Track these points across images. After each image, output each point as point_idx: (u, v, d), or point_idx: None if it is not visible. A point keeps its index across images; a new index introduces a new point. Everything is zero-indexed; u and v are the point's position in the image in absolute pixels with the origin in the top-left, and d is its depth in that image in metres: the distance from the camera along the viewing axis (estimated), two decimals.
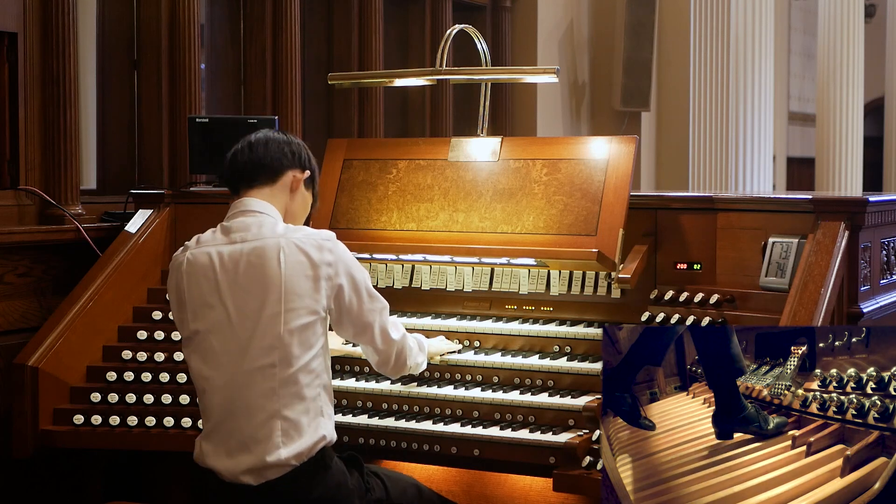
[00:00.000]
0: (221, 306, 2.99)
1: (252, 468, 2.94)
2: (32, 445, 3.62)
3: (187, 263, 3.07)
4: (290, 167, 3.20)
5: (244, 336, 2.96)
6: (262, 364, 2.94)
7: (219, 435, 2.99)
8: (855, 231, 3.22)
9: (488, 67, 4.01)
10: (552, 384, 3.43)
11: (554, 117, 7.81)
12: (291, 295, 2.97)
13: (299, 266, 2.99)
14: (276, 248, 3.00)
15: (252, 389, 2.95)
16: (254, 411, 2.95)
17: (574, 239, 3.49)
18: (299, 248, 3.01)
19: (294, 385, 2.96)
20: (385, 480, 3.17)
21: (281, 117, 5.25)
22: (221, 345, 2.99)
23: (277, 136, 3.25)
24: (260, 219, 3.09)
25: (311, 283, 3.00)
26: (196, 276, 3.04)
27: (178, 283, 3.08)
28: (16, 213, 4.06)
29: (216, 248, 3.05)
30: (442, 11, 6.78)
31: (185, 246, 3.13)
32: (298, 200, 3.24)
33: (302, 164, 3.23)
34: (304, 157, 3.25)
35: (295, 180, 3.20)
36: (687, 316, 3.37)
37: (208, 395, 3.02)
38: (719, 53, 8.64)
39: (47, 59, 4.13)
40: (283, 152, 3.21)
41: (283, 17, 5.55)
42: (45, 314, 3.93)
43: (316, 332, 3.01)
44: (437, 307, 3.79)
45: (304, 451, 2.95)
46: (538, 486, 3.48)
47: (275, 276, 2.97)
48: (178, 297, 3.08)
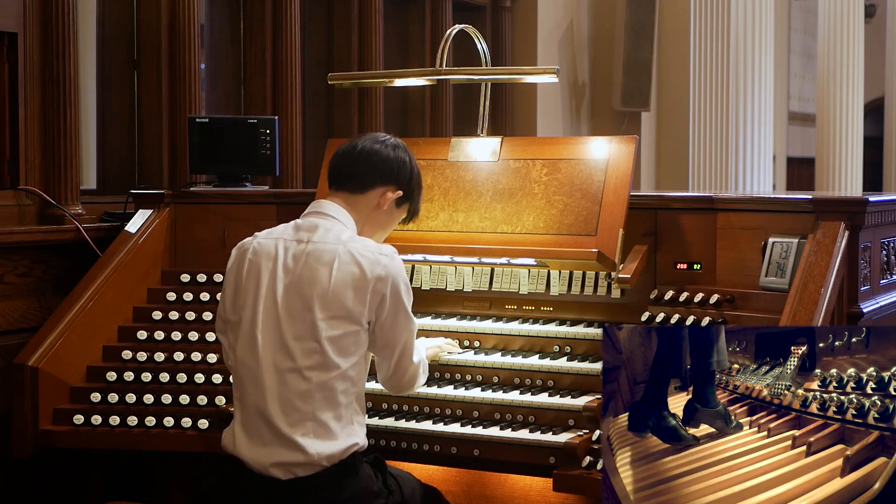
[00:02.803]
0: (273, 300, 3.01)
1: (282, 462, 2.96)
2: (32, 445, 3.62)
3: (253, 251, 3.09)
4: (382, 184, 3.20)
5: (288, 334, 2.98)
6: (302, 365, 2.96)
7: (252, 426, 3.01)
8: (855, 231, 3.21)
9: (488, 67, 4.01)
10: (552, 384, 3.43)
11: (554, 117, 7.80)
12: (336, 303, 2.98)
13: (350, 276, 3.00)
14: (332, 255, 3.01)
15: (289, 388, 2.97)
16: (289, 409, 2.96)
17: (574, 239, 3.49)
18: (355, 258, 3.02)
19: (329, 390, 2.97)
20: (399, 482, 3.17)
21: (281, 117, 5.25)
22: (266, 338, 3.00)
23: (381, 150, 3.22)
24: (330, 223, 3.11)
25: (358, 294, 3.00)
26: (258, 265, 3.06)
27: (239, 267, 3.11)
28: (16, 213, 4.06)
29: (283, 242, 3.07)
30: (442, 11, 6.78)
31: (255, 235, 3.15)
32: (382, 217, 3.25)
33: (397, 182, 3.22)
34: (402, 175, 3.23)
35: (384, 198, 3.21)
36: (687, 316, 3.37)
37: (246, 385, 3.03)
38: (719, 53, 8.63)
39: (47, 59, 4.13)
40: (378, 168, 3.20)
41: (283, 17, 5.55)
42: (45, 314, 3.93)
43: (357, 341, 3.02)
44: (437, 307, 3.79)
45: (336, 454, 2.97)
46: (538, 486, 3.48)
47: (324, 282, 2.98)
48: (235, 280, 3.10)
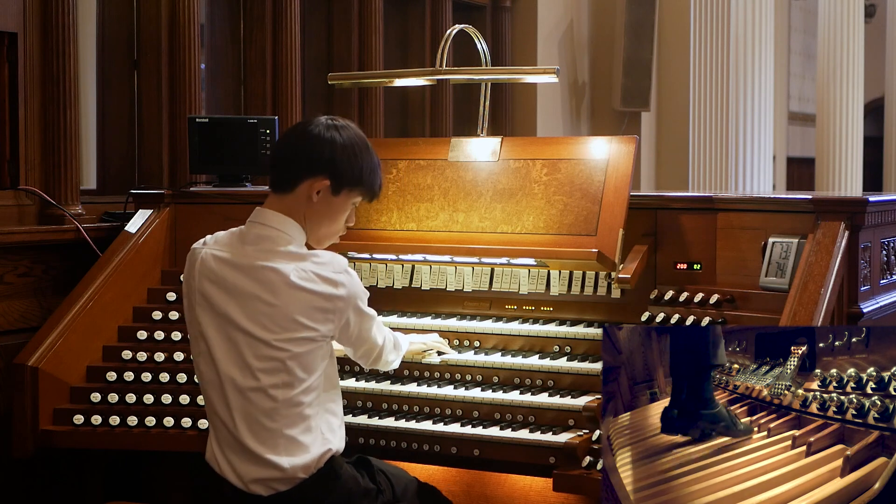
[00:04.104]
0: (228, 319, 2.90)
1: (260, 479, 2.91)
2: (32, 445, 3.62)
3: (201, 262, 2.95)
4: (306, 176, 2.94)
5: (248, 354, 2.89)
6: (266, 384, 2.88)
7: (227, 443, 2.94)
8: (855, 231, 3.21)
9: (488, 67, 4.01)
10: (552, 384, 3.43)
11: (554, 117, 7.80)
12: (296, 324, 2.88)
13: (308, 298, 2.88)
14: (285, 275, 2.87)
15: (254, 406, 2.90)
16: (256, 429, 2.90)
17: (574, 239, 3.49)
18: (311, 280, 2.88)
19: (296, 406, 2.90)
20: (391, 478, 3.14)
21: (281, 117, 5.25)
22: (225, 356, 2.91)
23: (298, 138, 2.96)
24: (274, 234, 2.92)
25: (318, 313, 2.89)
26: (207, 280, 2.93)
27: (189, 280, 2.98)
28: (16, 213, 4.05)
29: (230, 257, 2.93)
30: (442, 11, 6.78)
31: (205, 241, 3.00)
32: (320, 208, 2.97)
33: (320, 169, 2.93)
34: (321, 160, 2.92)
35: (311, 191, 2.95)
36: (687, 316, 3.37)
37: (214, 399, 2.95)
38: (719, 53, 8.64)
39: (47, 59, 4.13)
40: (297, 159, 2.94)
41: (283, 17, 5.55)
42: (45, 314, 3.92)
43: (320, 353, 2.95)
44: (437, 307, 3.79)
45: (311, 464, 2.92)
46: (538, 486, 3.48)
47: (281, 304, 2.87)
48: (188, 293, 2.99)
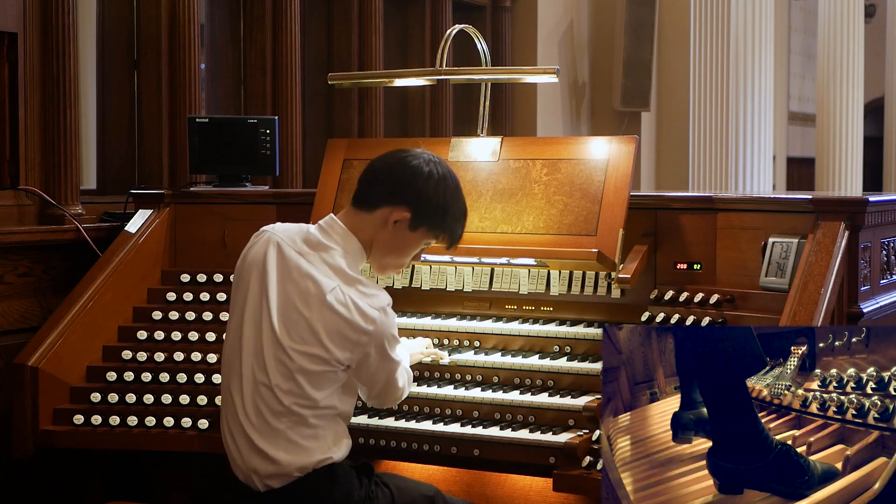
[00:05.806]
0: (267, 303, 2.96)
1: (257, 471, 2.96)
2: (32, 445, 3.62)
3: (277, 245, 2.99)
4: (389, 203, 3.03)
5: (267, 348, 2.94)
6: (275, 384, 2.93)
7: (236, 429, 2.99)
8: (855, 231, 3.21)
9: (488, 67, 4.01)
10: (552, 384, 3.43)
11: (554, 117, 7.80)
12: (315, 340, 2.92)
13: (336, 321, 2.92)
14: (323, 290, 2.93)
15: (264, 401, 2.95)
16: (262, 425, 2.95)
17: (574, 239, 3.49)
18: (346, 306, 2.92)
19: (300, 415, 2.95)
20: (393, 490, 3.10)
21: (281, 117, 5.25)
22: (251, 341, 2.96)
23: (397, 164, 3.05)
24: (332, 244, 3.00)
25: (340, 338, 2.93)
26: (262, 263, 2.98)
27: (254, 255, 3.01)
28: (16, 213, 4.05)
29: (294, 253, 2.98)
30: (442, 11, 6.78)
31: (273, 227, 3.05)
32: (387, 236, 3.05)
33: (404, 201, 3.02)
34: (410, 193, 3.02)
35: (389, 220, 3.04)
36: (687, 316, 3.37)
37: (229, 382, 3.01)
38: (719, 53, 8.64)
39: (47, 59, 4.13)
40: (387, 185, 3.03)
41: (283, 17, 5.55)
42: (45, 314, 3.92)
43: (334, 377, 2.97)
44: (437, 307, 3.79)
45: (309, 465, 2.95)
46: (538, 486, 3.48)
47: (312, 319, 2.92)
48: (245, 269, 3.02)
